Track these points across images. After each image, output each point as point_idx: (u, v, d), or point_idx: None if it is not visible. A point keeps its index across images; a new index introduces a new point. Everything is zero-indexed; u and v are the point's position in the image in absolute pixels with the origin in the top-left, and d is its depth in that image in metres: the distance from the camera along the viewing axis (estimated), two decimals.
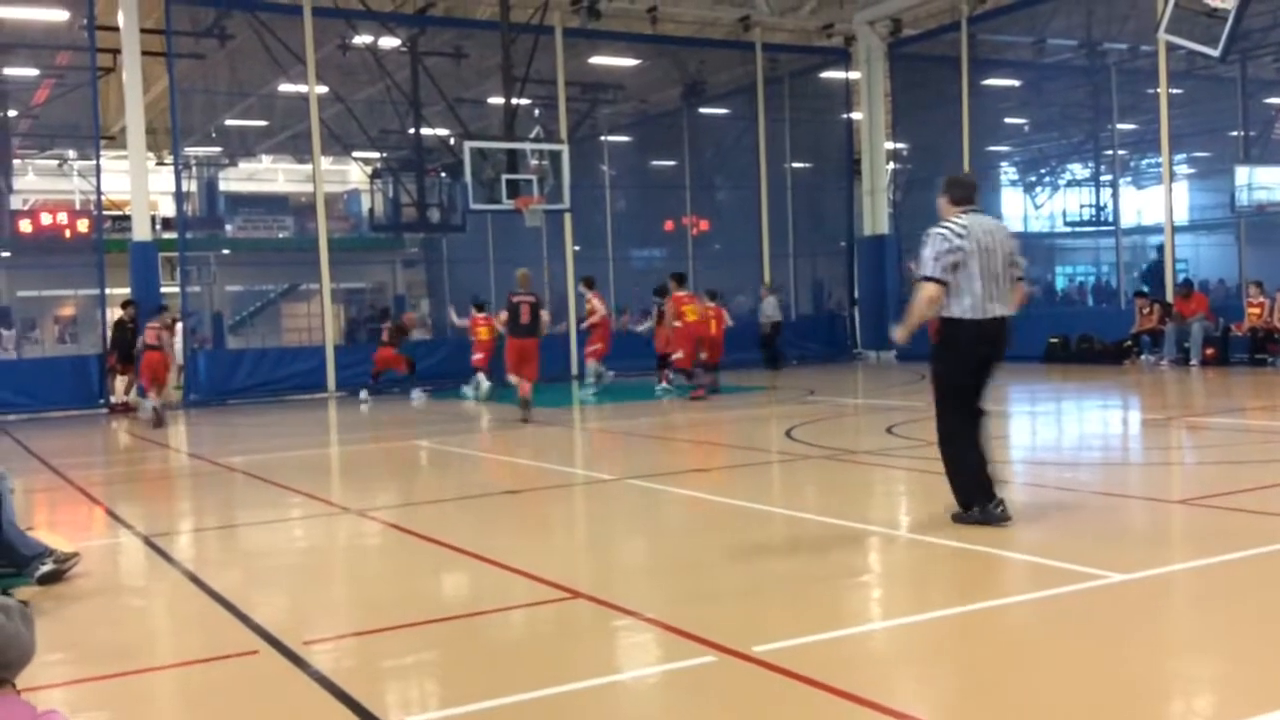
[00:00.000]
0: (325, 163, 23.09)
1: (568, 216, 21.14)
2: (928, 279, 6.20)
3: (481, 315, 18.46)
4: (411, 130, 22.88)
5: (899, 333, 6.44)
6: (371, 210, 25.67)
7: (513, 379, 14.09)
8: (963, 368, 6.34)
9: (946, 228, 6.27)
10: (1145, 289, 20.62)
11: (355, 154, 25.12)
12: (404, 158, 24.33)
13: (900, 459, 9.38)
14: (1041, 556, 5.67)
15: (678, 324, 16.03)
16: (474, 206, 18.81)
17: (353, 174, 31.92)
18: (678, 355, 16.14)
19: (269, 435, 14.12)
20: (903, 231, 24.11)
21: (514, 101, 19.13)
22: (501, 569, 5.87)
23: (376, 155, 24.87)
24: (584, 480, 9.30)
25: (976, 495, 6.38)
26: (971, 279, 6.15)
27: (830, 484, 8.62)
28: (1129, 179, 31.33)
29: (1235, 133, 24.30)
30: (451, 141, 22.66)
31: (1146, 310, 19.11)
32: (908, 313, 6.37)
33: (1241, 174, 22.93)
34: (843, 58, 24.66)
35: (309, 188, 22.33)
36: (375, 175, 24.40)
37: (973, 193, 6.45)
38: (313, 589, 5.91)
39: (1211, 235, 32.33)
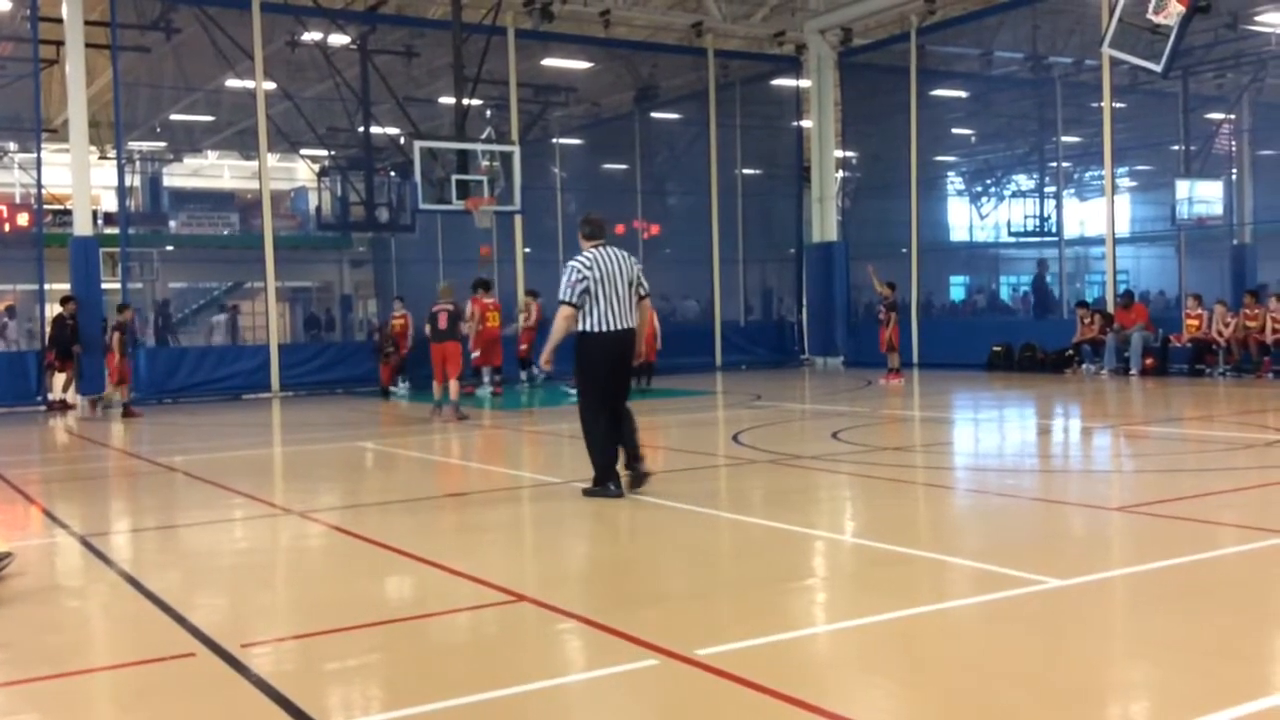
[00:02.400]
0: (272, 160, 22.84)
1: (518, 218, 21.08)
2: (563, 303, 7.69)
3: (490, 299, 18.49)
4: (361, 128, 22.69)
5: (544, 355, 7.96)
6: (319, 208, 25.42)
7: (438, 385, 14.75)
8: (597, 370, 7.81)
9: (579, 261, 7.75)
10: (1086, 301, 21.02)
11: (303, 151, 24.83)
12: (353, 156, 24.12)
13: (845, 464, 9.47)
14: (982, 561, 5.75)
15: (480, 328, 17.40)
16: (423, 206, 18.69)
17: (300, 171, 31.60)
18: (476, 355, 17.56)
19: (210, 435, 13.92)
20: (851, 238, 24.40)
21: (465, 102, 19.05)
22: (446, 572, 5.84)
23: (325, 153, 24.61)
24: (531, 484, 9.27)
25: (607, 474, 7.90)
26: (599, 301, 7.64)
27: (775, 489, 8.67)
28: (1072, 190, 31.86)
29: (1176, 147, 24.83)
30: (401, 140, 22.51)
31: (1088, 320, 19.46)
32: (550, 335, 7.83)
33: (1182, 187, 23.46)
34: (794, 65, 24.87)
35: (255, 184, 22.04)
36: (323, 173, 24.17)
37: (601, 230, 7.90)
38: (253, 591, 5.84)
39: (1152, 247, 33.00)
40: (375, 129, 22.67)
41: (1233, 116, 25.26)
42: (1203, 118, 25.60)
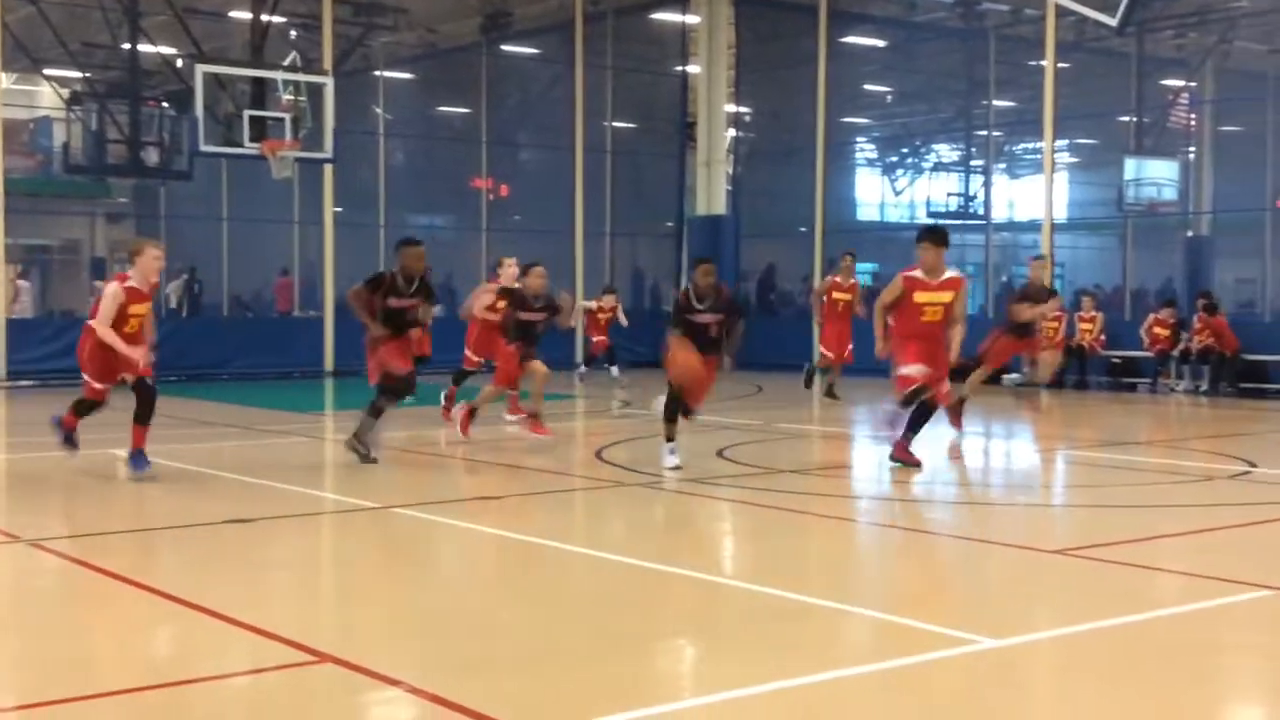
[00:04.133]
0: (6, 80, 21.78)
1: (329, 169, 20.65)
2: None
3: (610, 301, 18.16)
4: (126, 45, 21.88)
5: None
6: (66, 145, 24.40)
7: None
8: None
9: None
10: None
11: (48, 71, 23.81)
12: (114, 80, 23.31)
13: (731, 489, 9.48)
14: (901, 616, 5.81)
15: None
16: (205, 148, 18.25)
17: (44, 97, 30.24)
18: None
19: None
20: (743, 212, 24.61)
21: (264, 18, 18.56)
22: (222, 621, 5.65)
23: (77, 75, 23.67)
24: (335, 508, 9.03)
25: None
26: None
27: (644, 519, 8.63)
28: (1003, 166, 32.92)
29: (1126, 118, 25.75)
30: (179, 64, 21.79)
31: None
32: None
33: (1130, 167, 24.35)
34: None
35: None
36: (74, 101, 23.23)
37: None
38: None
39: (1093, 236, 34.31)
40: (145, 47, 21.86)
41: (1193, 84, 26.28)
42: (1158, 85, 26.64)
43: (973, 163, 30.39)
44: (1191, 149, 26.54)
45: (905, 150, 35.37)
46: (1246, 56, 26.23)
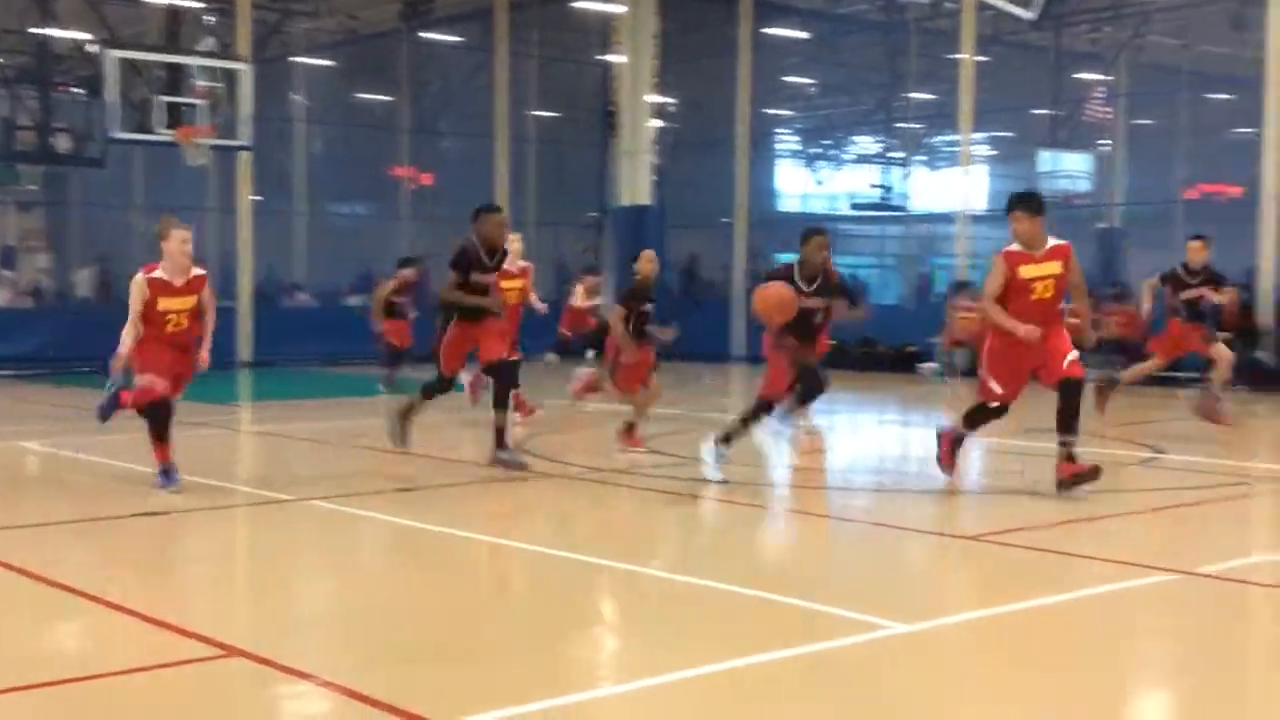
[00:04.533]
0: None
1: (246, 156, 20.35)
2: None
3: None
4: (36, 30, 21.40)
5: None
6: None
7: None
8: None
9: None
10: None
11: None
12: (22, 65, 22.76)
13: (651, 478, 9.47)
14: (817, 602, 5.84)
15: None
16: (117, 135, 17.93)
17: None
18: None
19: None
20: (668, 204, 24.60)
21: (179, 3, 18.27)
22: (130, 616, 5.55)
23: None
24: (248, 500, 8.90)
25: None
26: None
27: (563, 509, 8.61)
28: (923, 158, 33.23)
29: (1042, 111, 26.14)
30: (92, 48, 21.36)
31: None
32: None
33: (1045, 159, 24.71)
34: None
35: None
36: None
37: None
38: None
39: (1006, 228, 34.74)
40: (55, 31, 21.41)
41: (1108, 78, 26.74)
42: (1074, 78, 27.08)
43: (893, 155, 30.71)
44: (1105, 142, 26.99)
45: (828, 142, 35.62)
46: (1160, 51, 26.69)
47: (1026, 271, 8.65)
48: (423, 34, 26.46)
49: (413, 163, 25.86)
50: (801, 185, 36.02)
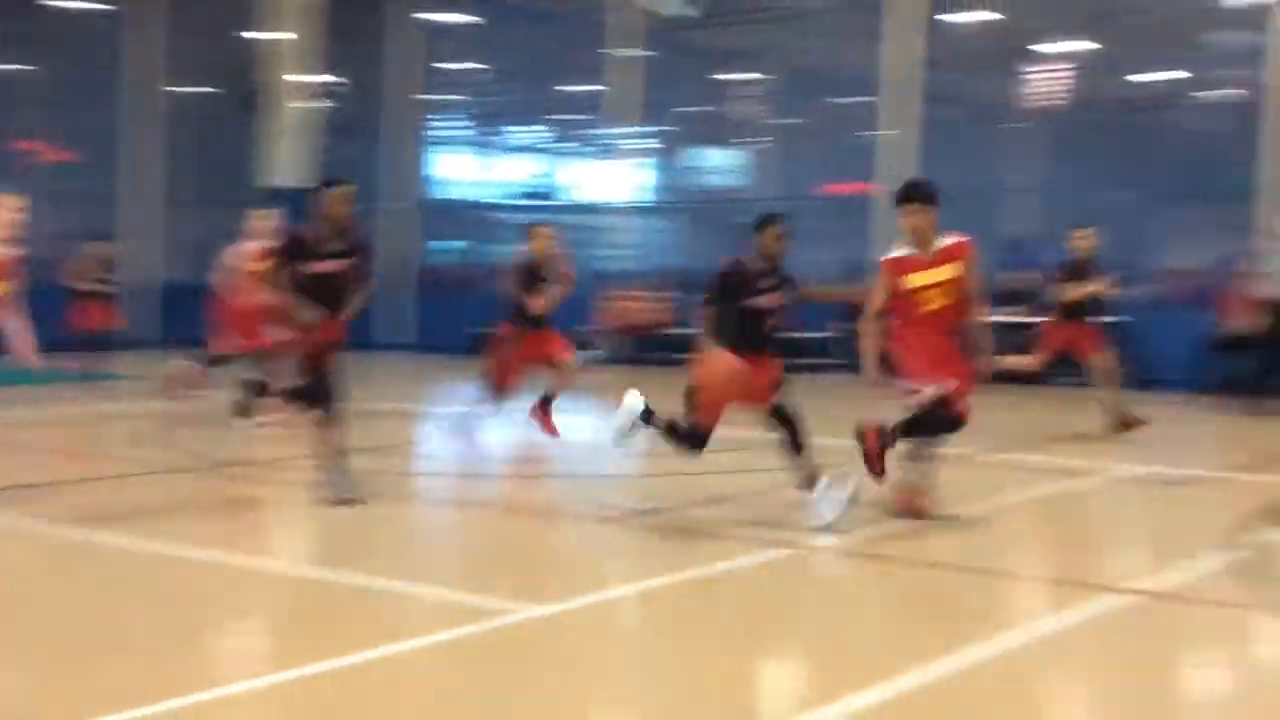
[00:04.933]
0: None
1: None
2: None
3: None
4: None
5: None
6: None
7: None
8: None
9: None
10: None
11: None
12: None
13: (284, 472, 9.15)
14: (443, 587, 5.86)
15: None
16: None
17: None
18: None
19: None
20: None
21: None
22: None
23: None
24: None
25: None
26: None
27: (192, 505, 8.14)
28: (582, 150, 33.72)
29: (697, 108, 27.01)
30: None
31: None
32: None
33: (693, 154, 25.65)
34: None
35: None
36: None
37: None
38: None
39: (662, 219, 35.80)
40: None
41: (760, 77, 27.91)
42: (727, 77, 28.10)
43: (554, 146, 31.01)
44: (754, 139, 28.22)
45: (488, 130, 35.59)
46: (810, 53, 28.02)
47: (915, 280, 7.24)
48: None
49: (42, 137, 24.16)
50: (461, 172, 35.85)
